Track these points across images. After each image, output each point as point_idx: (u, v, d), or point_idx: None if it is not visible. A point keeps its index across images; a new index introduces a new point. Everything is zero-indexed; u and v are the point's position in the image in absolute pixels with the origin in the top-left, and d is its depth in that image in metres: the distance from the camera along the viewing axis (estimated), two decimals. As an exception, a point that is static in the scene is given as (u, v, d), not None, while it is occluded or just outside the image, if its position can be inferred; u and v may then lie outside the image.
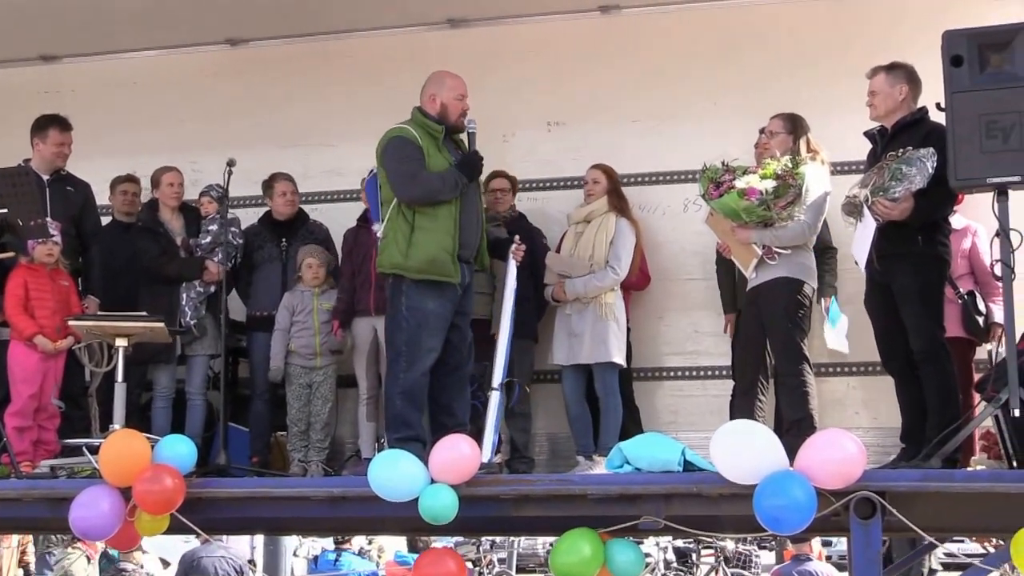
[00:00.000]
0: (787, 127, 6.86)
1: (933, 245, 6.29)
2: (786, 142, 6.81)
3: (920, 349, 6.27)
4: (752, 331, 6.79)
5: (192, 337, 7.77)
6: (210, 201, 7.95)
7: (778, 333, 6.65)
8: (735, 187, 6.56)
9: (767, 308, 6.69)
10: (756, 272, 6.76)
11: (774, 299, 6.67)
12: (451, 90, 6.81)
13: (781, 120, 6.90)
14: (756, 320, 6.77)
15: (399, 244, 6.61)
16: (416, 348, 6.58)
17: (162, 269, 7.83)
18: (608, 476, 6.22)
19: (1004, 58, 5.74)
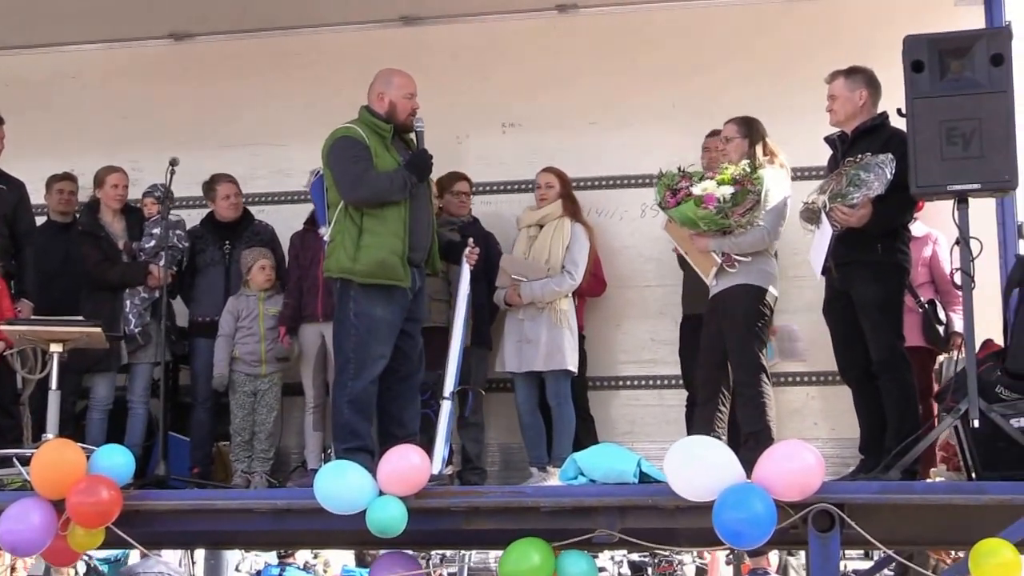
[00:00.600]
0: (742, 131, 6.92)
1: (892, 253, 6.37)
2: (742, 146, 6.87)
3: (879, 359, 6.34)
4: (713, 340, 6.85)
5: (137, 345, 7.73)
6: (153, 202, 7.90)
7: (735, 342, 6.71)
8: (692, 194, 6.62)
9: (726, 316, 6.76)
10: (716, 280, 6.84)
11: (732, 307, 6.73)
12: (399, 88, 6.81)
13: (736, 124, 6.95)
14: (717, 328, 6.84)
15: (346, 247, 6.60)
16: (365, 355, 6.58)
17: (105, 275, 7.77)
18: (562, 488, 6.23)
19: (964, 64, 5.83)
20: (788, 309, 7.49)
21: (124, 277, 7.77)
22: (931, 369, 7.39)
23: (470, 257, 7.06)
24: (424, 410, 7.04)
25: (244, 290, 7.82)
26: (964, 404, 5.82)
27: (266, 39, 8.69)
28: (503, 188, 8.34)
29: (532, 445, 7.54)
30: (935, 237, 7.46)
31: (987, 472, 5.91)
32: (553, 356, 7.42)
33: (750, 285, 6.73)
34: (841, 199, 6.21)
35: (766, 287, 6.77)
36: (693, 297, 7.50)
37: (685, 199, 6.64)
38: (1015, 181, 5.81)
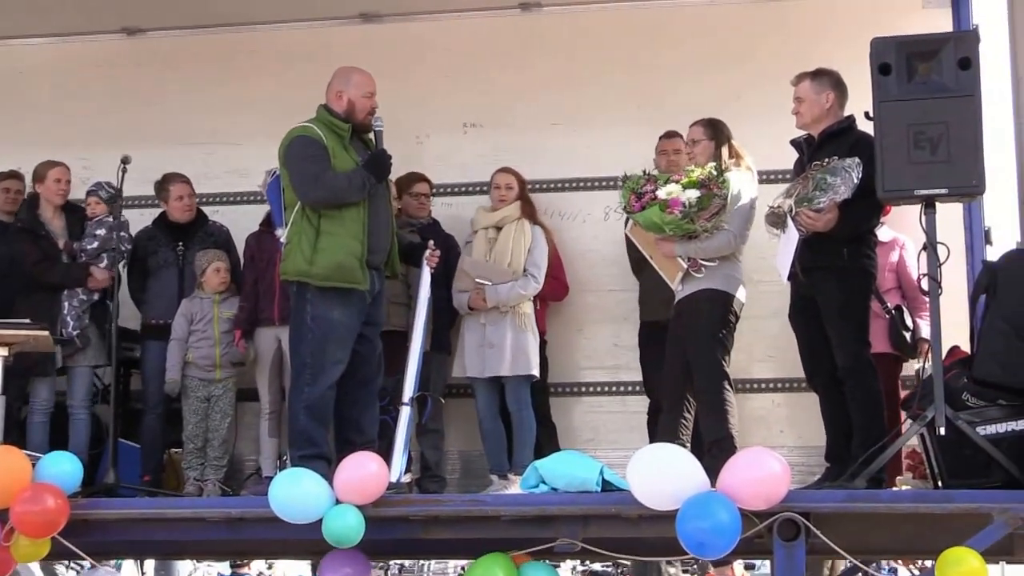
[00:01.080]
0: (709, 133, 6.95)
1: (858, 258, 6.41)
2: (709, 149, 6.90)
3: (844, 365, 6.38)
4: (678, 346, 6.87)
5: (74, 348, 7.66)
6: (98, 201, 7.85)
7: (697, 348, 6.74)
8: (657, 198, 6.64)
9: (690, 321, 6.78)
10: (682, 285, 6.86)
11: (696, 313, 6.75)
12: (358, 87, 6.80)
13: (702, 127, 6.98)
14: (681, 334, 6.86)
15: (303, 250, 6.58)
16: (322, 360, 6.56)
17: (45, 275, 7.69)
18: (523, 496, 6.23)
19: (932, 67, 5.87)
20: (754, 315, 7.49)
21: (65, 278, 7.71)
22: (897, 376, 7.46)
23: (430, 260, 7.05)
24: (382, 416, 7.01)
25: (198, 293, 7.79)
26: (930, 411, 5.86)
27: (222, 35, 8.66)
28: (464, 189, 8.34)
29: (493, 452, 7.54)
30: (902, 242, 7.51)
31: (953, 480, 5.94)
32: (518, 361, 7.43)
33: (716, 290, 6.76)
34: (807, 203, 6.24)
35: (733, 292, 6.80)
36: (651, 304, 7.54)
37: (650, 203, 6.66)
38: (982, 186, 5.86)
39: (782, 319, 6.86)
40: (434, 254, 7.09)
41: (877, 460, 5.97)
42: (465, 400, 7.87)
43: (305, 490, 5.99)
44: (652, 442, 7.15)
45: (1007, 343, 5.97)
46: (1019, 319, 5.95)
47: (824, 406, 6.63)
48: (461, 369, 7.62)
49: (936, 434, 5.88)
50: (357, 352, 6.71)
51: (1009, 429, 5.92)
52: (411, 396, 6.82)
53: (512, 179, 7.76)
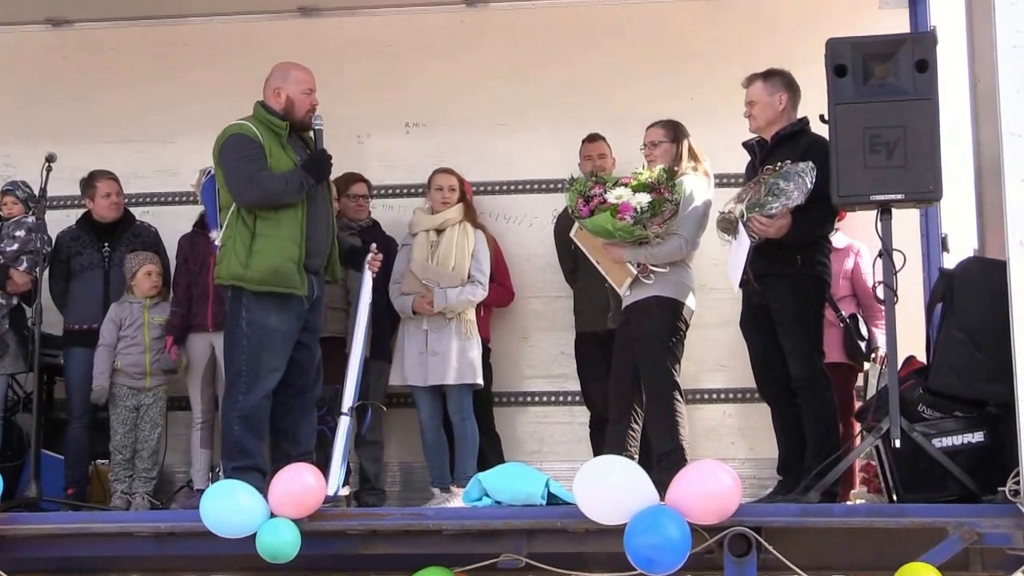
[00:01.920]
0: (669, 135, 6.97)
1: (812, 265, 6.44)
2: (670, 151, 6.92)
3: (798, 375, 6.41)
4: (626, 354, 6.88)
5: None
6: (15, 201, 7.79)
7: (647, 357, 6.75)
8: (607, 202, 6.64)
9: (639, 329, 6.79)
10: (630, 290, 6.87)
11: (647, 320, 6.76)
12: (297, 83, 6.75)
13: (662, 128, 7.00)
14: (629, 342, 6.87)
15: (238, 253, 6.53)
16: (257, 368, 6.52)
17: (-43, 279, 7.63)
18: (465, 510, 6.22)
19: (888, 69, 5.89)
20: (706, 323, 7.55)
21: (-18, 281, 7.64)
22: (852, 386, 7.50)
23: (373, 264, 7.02)
24: (320, 427, 7.00)
25: (128, 297, 7.73)
26: (885, 423, 5.88)
27: (153, 27, 8.60)
28: (406, 191, 8.33)
29: (435, 464, 7.54)
30: (857, 249, 7.57)
31: (909, 494, 5.98)
32: (463, 370, 7.43)
33: (665, 298, 6.77)
34: (759, 209, 6.26)
35: (683, 300, 6.82)
36: (586, 314, 7.59)
37: (599, 207, 6.66)
38: (939, 192, 5.89)
39: (734, 328, 6.89)
40: (376, 258, 7.05)
41: (831, 473, 5.99)
42: (405, 410, 7.86)
43: (238, 503, 5.95)
44: (597, 455, 7.16)
45: (963, 353, 6.01)
46: (976, 328, 5.98)
47: (776, 417, 6.65)
48: (401, 377, 7.59)
49: (891, 446, 5.91)
50: (295, 360, 6.67)
51: (965, 441, 5.97)
52: (351, 406, 6.78)
53: (455, 180, 7.75)
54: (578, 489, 5.70)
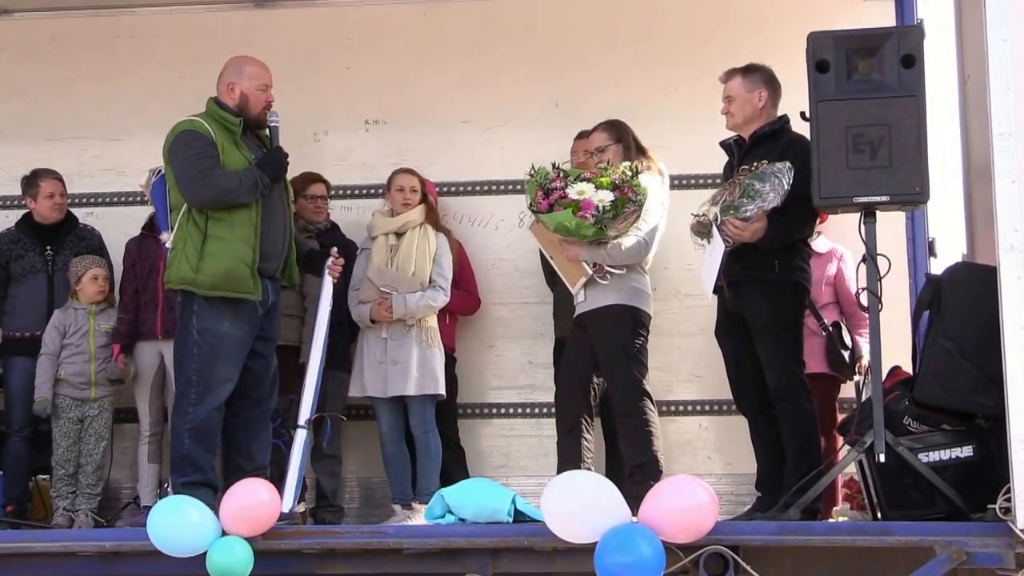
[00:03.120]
0: (614, 135, 6.96)
1: (791, 271, 6.42)
2: (619, 152, 6.91)
3: (776, 386, 6.39)
4: (579, 362, 6.83)
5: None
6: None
7: (615, 368, 6.73)
8: (568, 197, 6.60)
9: (600, 340, 6.76)
10: (585, 294, 6.83)
11: (608, 330, 6.74)
12: (252, 79, 6.74)
13: (604, 131, 6.99)
14: (585, 350, 6.82)
15: (189, 255, 6.50)
16: (209, 377, 6.50)
17: None
18: (428, 528, 6.22)
19: (873, 65, 5.89)
20: (681, 331, 7.61)
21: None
22: (835, 398, 7.53)
23: (333, 269, 6.98)
24: (274, 440, 6.99)
25: (72, 303, 7.71)
26: (869, 437, 5.88)
27: (99, 18, 8.54)
28: (365, 192, 8.30)
29: (396, 479, 7.53)
30: (840, 253, 7.58)
31: (894, 511, 5.98)
32: (425, 380, 7.42)
33: (624, 306, 6.77)
34: (733, 211, 6.25)
35: (642, 307, 6.82)
36: (566, 318, 7.49)
37: (560, 202, 6.62)
38: (926, 194, 5.90)
39: (709, 336, 6.89)
40: (337, 262, 7.02)
41: (812, 489, 5.99)
42: (364, 422, 7.85)
43: (188, 520, 5.95)
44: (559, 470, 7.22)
45: (951, 363, 6.01)
46: (964, 337, 5.98)
47: (753, 430, 6.65)
48: (360, 388, 7.57)
49: (875, 461, 5.91)
50: (249, 369, 6.65)
51: (953, 456, 5.98)
52: (308, 418, 6.73)
53: (417, 181, 7.74)
54: (546, 505, 5.69)
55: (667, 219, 6.99)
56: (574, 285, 6.85)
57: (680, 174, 7.89)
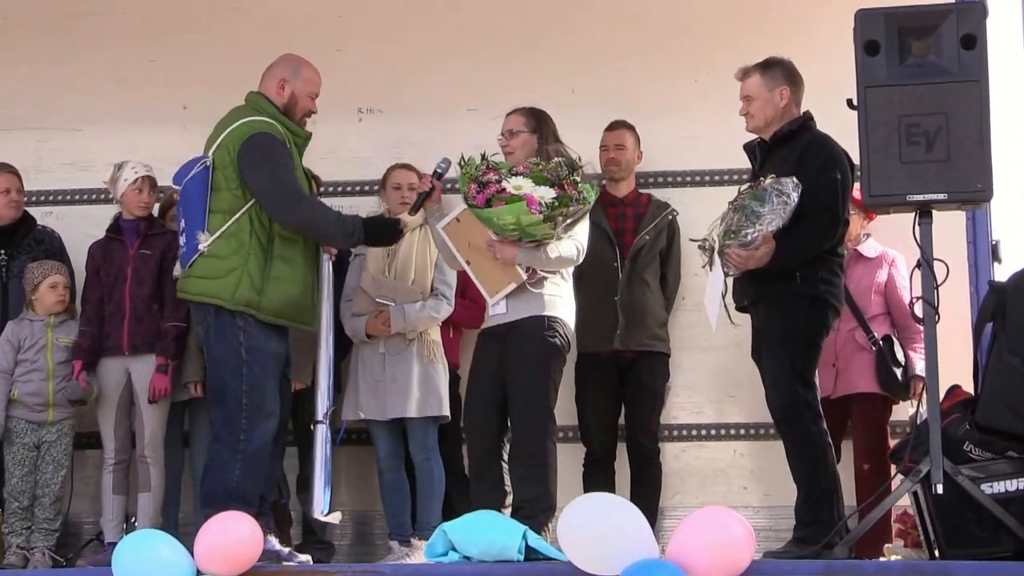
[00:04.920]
0: (530, 124, 6.94)
1: (812, 283, 6.40)
2: (530, 143, 6.88)
3: (774, 406, 6.42)
4: (492, 383, 6.77)
5: None
6: None
7: (524, 387, 6.65)
8: (505, 191, 6.56)
9: (519, 355, 6.68)
10: (506, 305, 6.75)
11: (530, 344, 6.67)
12: (307, 83, 6.85)
13: (523, 116, 6.98)
14: (498, 369, 6.76)
15: (253, 275, 6.49)
16: (261, 400, 6.53)
17: None
18: (428, 567, 6.20)
19: (928, 46, 5.90)
20: (710, 345, 7.67)
21: None
22: (886, 421, 7.55)
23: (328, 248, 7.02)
24: None
25: (28, 314, 7.73)
26: (925, 465, 5.88)
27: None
28: (358, 189, 8.33)
29: (393, 512, 7.55)
30: (891, 258, 7.60)
31: (953, 550, 5.97)
32: (428, 400, 7.43)
33: (549, 317, 6.71)
34: (734, 237, 6.29)
35: (567, 319, 6.78)
36: (591, 330, 7.52)
37: (497, 196, 6.55)
38: (989, 191, 5.89)
39: (743, 351, 6.89)
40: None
41: (861, 523, 6.00)
42: (357, 448, 7.86)
43: (157, 558, 5.90)
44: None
45: (1018, 381, 6.01)
46: (1033, 353, 6.01)
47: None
48: (354, 410, 7.58)
49: (932, 493, 5.90)
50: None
51: (1020, 488, 5.97)
52: (325, 411, 6.77)
53: (416, 177, 7.75)
54: (564, 535, 5.65)
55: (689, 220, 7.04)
56: (496, 293, 6.74)
57: (711, 169, 8.03)
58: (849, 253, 7.36)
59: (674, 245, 7.88)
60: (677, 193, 8.10)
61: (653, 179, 8.17)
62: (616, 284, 7.67)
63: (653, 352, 7.71)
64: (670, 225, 7.87)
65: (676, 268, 7.91)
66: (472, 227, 6.73)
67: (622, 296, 7.65)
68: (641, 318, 7.67)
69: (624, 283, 7.67)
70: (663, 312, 7.82)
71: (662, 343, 7.76)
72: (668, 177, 8.21)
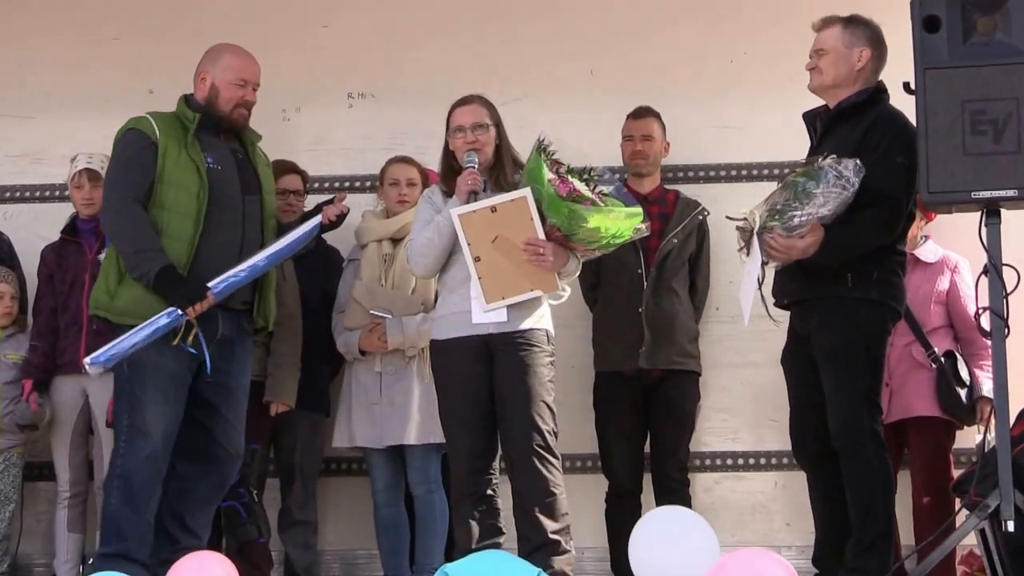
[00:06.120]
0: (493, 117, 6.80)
1: (868, 286, 6.35)
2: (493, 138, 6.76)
3: (837, 432, 6.35)
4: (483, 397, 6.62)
5: None
6: None
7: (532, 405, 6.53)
8: (578, 191, 6.45)
9: (518, 369, 6.56)
10: (506, 312, 6.60)
11: (534, 359, 6.59)
12: (227, 70, 6.89)
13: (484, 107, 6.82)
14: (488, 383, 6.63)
15: (108, 275, 6.65)
16: (138, 418, 6.60)
17: None
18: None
19: (996, 22, 5.89)
20: (748, 361, 7.73)
21: None
22: (948, 449, 7.52)
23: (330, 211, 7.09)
24: (229, 502, 7.16)
25: (-28, 326, 7.75)
26: (994, 499, 5.88)
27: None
28: (348, 184, 8.29)
29: (390, 551, 7.56)
30: (954, 263, 7.59)
31: (1027, 593, 5.99)
32: (430, 425, 7.36)
33: (549, 332, 6.69)
34: (779, 219, 6.23)
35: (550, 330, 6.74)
36: (611, 346, 7.55)
37: (576, 196, 6.48)
38: (1067, 187, 5.90)
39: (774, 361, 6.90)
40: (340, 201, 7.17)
41: (921, 566, 5.97)
42: (348, 479, 7.93)
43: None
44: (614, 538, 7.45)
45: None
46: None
47: (812, 488, 6.67)
48: (347, 437, 7.58)
49: (1002, 530, 5.90)
50: (196, 422, 6.74)
51: (1102, 525, 5.96)
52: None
53: (415, 173, 7.75)
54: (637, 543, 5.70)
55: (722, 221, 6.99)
56: (502, 298, 6.57)
57: (750, 162, 8.02)
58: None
59: (704, 249, 7.85)
60: (709, 190, 8.09)
61: (682, 173, 8.16)
62: (640, 294, 7.61)
63: (683, 371, 7.67)
64: (700, 226, 7.83)
65: (706, 275, 7.88)
66: (511, 221, 6.56)
67: (647, 308, 7.59)
68: (669, 332, 7.62)
69: (650, 293, 7.61)
70: (693, 325, 7.78)
71: (693, 360, 7.71)
72: (700, 172, 8.20)
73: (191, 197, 6.70)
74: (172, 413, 6.66)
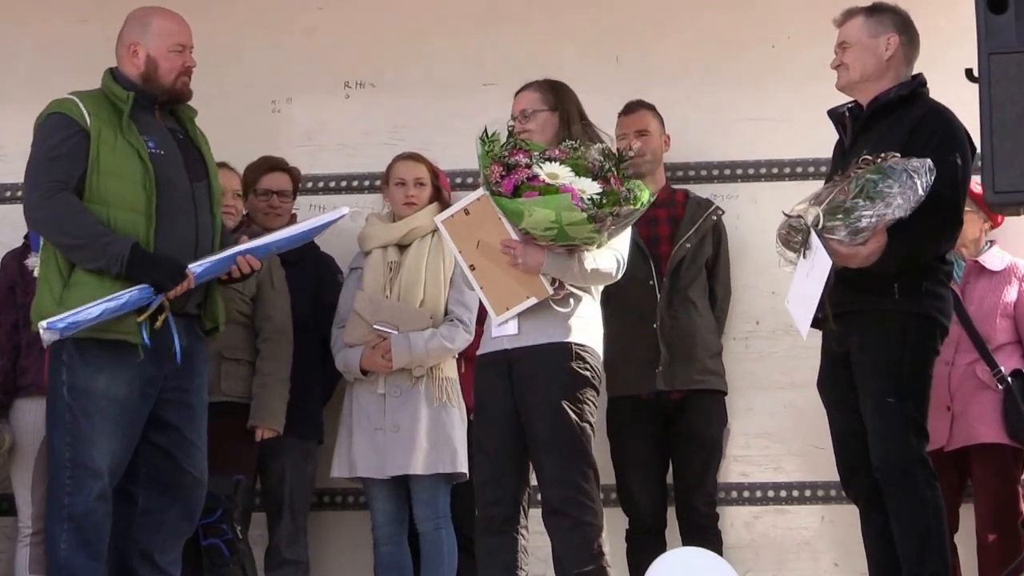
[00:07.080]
0: (550, 100, 6.78)
1: (916, 297, 6.33)
2: (551, 124, 6.73)
3: (880, 461, 6.31)
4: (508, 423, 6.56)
5: None
6: None
7: (557, 431, 6.43)
8: (538, 178, 6.40)
9: (537, 389, 6.49)
10: (517, 323, 6.55)
11: (551, 377, 6.48)
12: (161, 36, 6.74)
13: (538, 92, 6.82)
14: (511, 406, 6.56)
15: (52, 283, 6.55)
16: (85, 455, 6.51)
17: None
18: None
19: (1071, 0, 5.90)
20: (792, 383, 7.67)
21: None
22: (1016, 479, 7.48)
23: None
24: (211, 540, 7.12)
25: (-74, 343, 7.74)
26: (1069, 537, 5.85)
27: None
28: (345, 184, 8.34)
29: (392, 594, 7.59)
30: (1022, 272, 7.57)
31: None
32: (439, 453, 7.43)
33: (577, 344, 6.51)
34: (844, 217, 6.16)
35: (596, 346, 6.61)
36: (626, 368, 7.49)
37: (528, 185, 6.38)
38: None
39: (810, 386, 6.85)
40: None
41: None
42: (346, 513, 8.00)
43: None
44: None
45: None
46: None
47: (865, 523, 6.60)
48: (346, 466, 7.58)
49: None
50: (155, 446, 6.67)
51: None
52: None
53: (424, 171, 7.75)
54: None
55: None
56: (506, 309, 6.55)
57: (789, 159, 8.01)
58: (967, 266, 7.44)
59: (721, 252, 7.83)
60: (744, 189, 8.13)
61: (718, 171, 8.19)
62: (654, 308, 7.57)
63: (706, 391, 7.64)
64: (715, 228, 7.81)
65: (725, 282, 7.87)
66: (484, 222, 6.52)
67: (662, 322, 7.56)
68: (689, 348, 7.59)
69: (664, 306, 7.58)
70: (715, 339, 7.76)
71: (716, 378, 7.69)
72: (738, 169, 8.21)
73: (137, 188, 6.60)
74: (124, 445, 6.61)
